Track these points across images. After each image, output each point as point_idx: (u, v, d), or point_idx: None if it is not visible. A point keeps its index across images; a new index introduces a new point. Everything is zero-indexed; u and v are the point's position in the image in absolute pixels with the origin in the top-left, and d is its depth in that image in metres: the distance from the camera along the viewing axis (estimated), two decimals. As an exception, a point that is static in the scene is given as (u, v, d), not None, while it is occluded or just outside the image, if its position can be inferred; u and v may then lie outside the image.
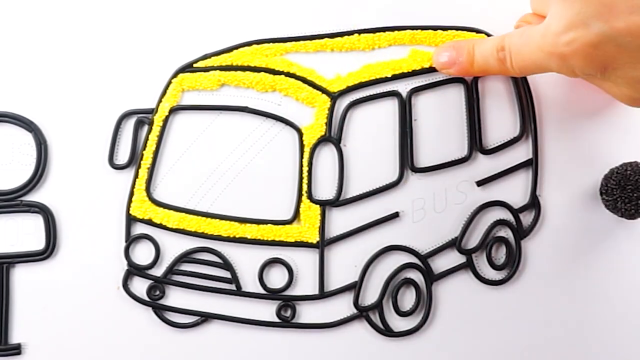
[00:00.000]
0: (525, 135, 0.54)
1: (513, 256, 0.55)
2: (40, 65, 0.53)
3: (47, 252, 0.52)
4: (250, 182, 0.52)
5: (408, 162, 0.53)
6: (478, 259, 0.55)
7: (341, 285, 0.53)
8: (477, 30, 0.54)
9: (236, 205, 0.52)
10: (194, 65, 0.53)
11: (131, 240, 0.53)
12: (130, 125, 0.53)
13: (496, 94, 0.54)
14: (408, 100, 0.53)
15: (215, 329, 0.53)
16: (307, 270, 0.52)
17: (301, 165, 0.52)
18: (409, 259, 0.54)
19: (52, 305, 0.52)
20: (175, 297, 0.53)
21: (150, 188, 0.53)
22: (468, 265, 0.54)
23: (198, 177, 0.53)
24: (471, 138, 0.54)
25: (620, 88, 0.46)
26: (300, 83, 0.52)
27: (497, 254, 0.55)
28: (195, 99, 0.53)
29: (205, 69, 0.53)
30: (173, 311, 0.53)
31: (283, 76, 0.52)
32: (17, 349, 0.52)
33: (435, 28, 0.54)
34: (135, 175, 0.53)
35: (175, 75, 0.53)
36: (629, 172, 0.52)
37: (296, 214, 0.52)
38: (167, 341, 0.53)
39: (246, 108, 0.52)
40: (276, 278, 0.53)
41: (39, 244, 0.53)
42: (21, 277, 0.52)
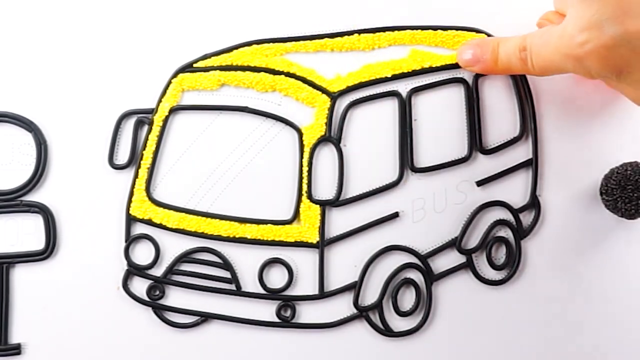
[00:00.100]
0: (525, 135, 0.54)
1: (513, 256, 0.55)
2: (40, 65, 0.53)
3: (47, 252, 0.52)
4: (250, 182, 0.52)
5: (408, 162, 0.53)
6: (478, 259, 0.55)
7: (341, 285, 0.53)
8: (477, 30, 0.54)
9: (236, 205, 0.52)
10: (194, 65, 0.53)
11: (131, 240, 0.53)
12: (130, 125, 0.53)
13: (496, 94, 0.54)
14: (408, 100, 0.53)
15: (215, 329, 0.53)
16: (307, 270, 0.52)
17: (301, 165, 0.52)
18: (409, 259, 0.54)
19: (52, 305, 0.52)
20: (175, 297, 0.53)
21: (150, 188, 0.53)
22: (468, 265, 0.54)
23: (198, 177, 0.53)
24: (471, 138, 0.54)
25: (636, 91, 0.46)
26: (300, 83, 0.52)
27: (497, 254, 0.55)
28: (195, 99, 0.53)
29: (205, 69, 0.53)
30: (173, 311, 0.53)
31: (283, 76, 0.52)
32: (17, 349, 0.52)
33: (435, 28, 0.54)
34: (135, 175, 0.53)
35: (175, 75, 0.53)
36: (629, 172, 0.52)
37: (296, 214, 0.52)
38: (167, 341, 0.53)
39: (246, 108, 0.52)
40: (276, 278, 0.53)
41: (39, 244, 0.53)
42: (21, 277, 0.52)
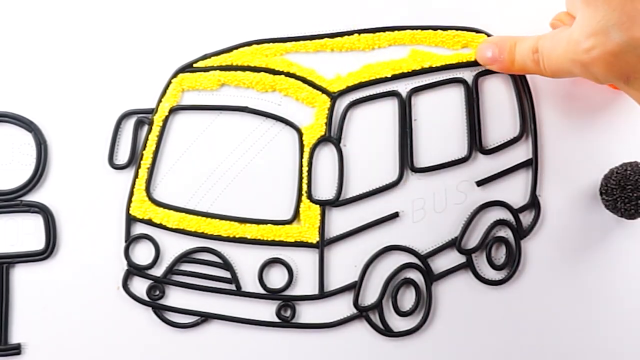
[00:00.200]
0: (525, 135, 0.54)
1: (513, 256, 0.55)
2: (40, 65, 0.53)
3: (47, 252, 0.52)
4: (250, 182, 0.52)
5: (408, 162, 0.53)
6: (478, 259, 0.55)
7: (341, 285, 0.53)
8: (477, 30, 0.54)
9: (236, 205, 0.52)
10: (194, 65, 0.53)
11: (131, 240, 0.53)
12: (130, 125, 0.53)
13: (496, 94, 0.54)
14: (408, 100, 0.53)
15: (215, 329, 0.53)
16: (307, 270, 0.52)
17: (301, 165, 0.52)
18: (408, 259, 0.54)
19: (52, 305, 0.52)
20: (175, 297, 0.53)
21: (150, 188, 0.53)
22: (468, 265, 0.54)
23: (198, 177, 0.53)
24: (471, 138, 0.54)
25: None
26: (300, 83, 0.52)
27: (497, 254, 0.55)
28: (195, 99, 0.53)
29: (205, 69, 0.53)
30: (173, 311, 0.53)
31: (283, 76, 0.52)
32: (17, 349, 0.52)
33: (435, 28, 0.54)
34: (135, 175, 0.53)
35: (175, 75, 0.53)
36: (629, 172, 0.52)
37: (296, 214, 0.52)
38: (167, 341, 0.53)
39: (246, 108, 0.52)
40: (276, 278, 0.53)
41: (39, 244, 0.53)
42: (21, 277, 0.52)
